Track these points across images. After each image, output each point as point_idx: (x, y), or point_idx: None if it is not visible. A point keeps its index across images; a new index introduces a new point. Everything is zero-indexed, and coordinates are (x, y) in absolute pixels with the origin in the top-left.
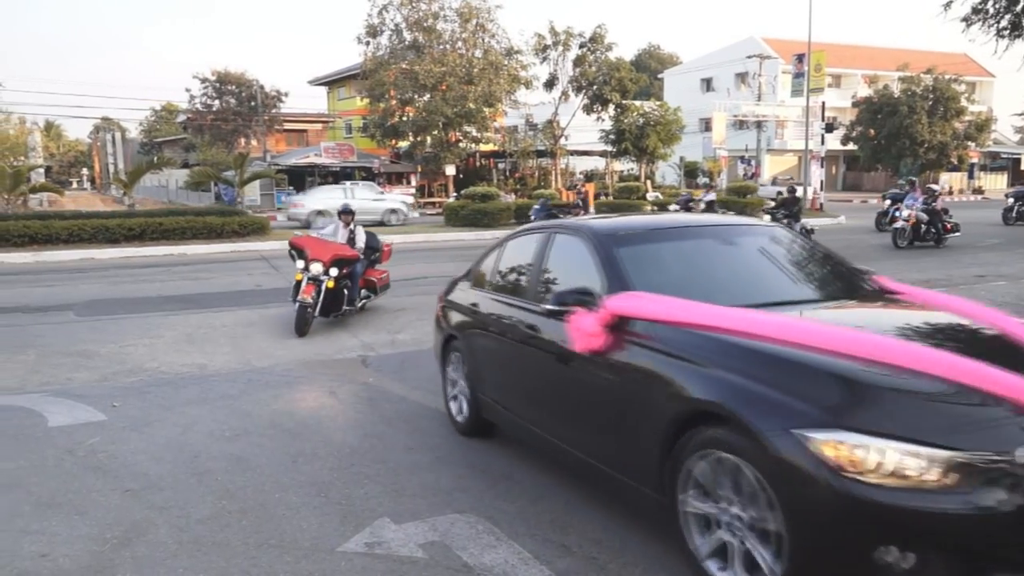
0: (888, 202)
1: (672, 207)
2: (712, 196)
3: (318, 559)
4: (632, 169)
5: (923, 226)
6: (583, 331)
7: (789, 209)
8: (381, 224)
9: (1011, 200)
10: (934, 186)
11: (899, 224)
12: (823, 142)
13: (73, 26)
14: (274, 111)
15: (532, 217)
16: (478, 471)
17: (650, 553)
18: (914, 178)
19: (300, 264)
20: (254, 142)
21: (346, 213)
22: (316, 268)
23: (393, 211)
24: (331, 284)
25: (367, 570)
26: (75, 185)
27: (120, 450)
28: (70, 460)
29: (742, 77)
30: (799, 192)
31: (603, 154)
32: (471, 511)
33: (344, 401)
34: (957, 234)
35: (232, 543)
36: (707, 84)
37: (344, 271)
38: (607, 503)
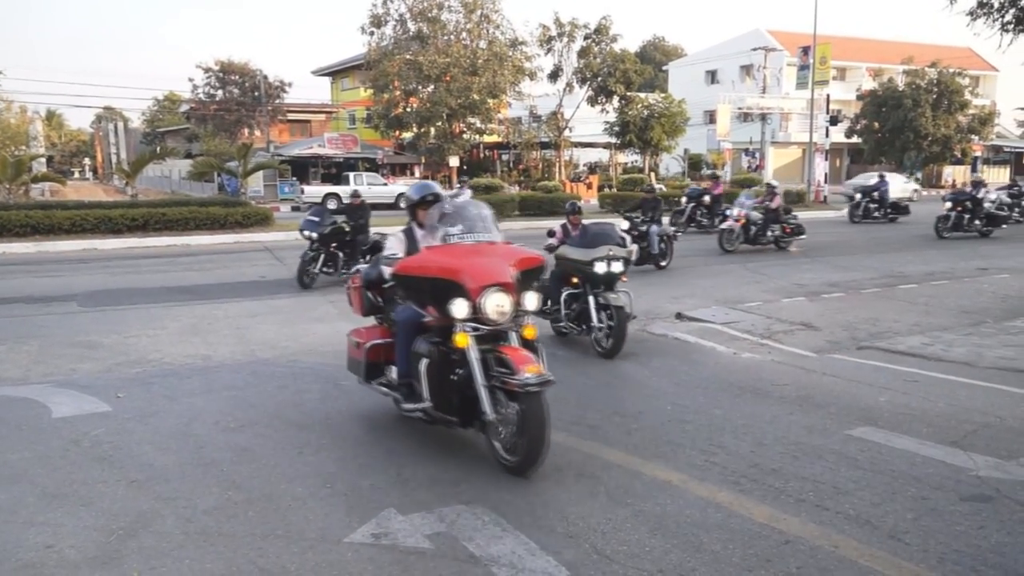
0: (684, 199)
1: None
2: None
3: (325, 550)
4: (636, 161)
5: (753, 227)
6: None
7: (648, 212)
8: (394, 207)
9: (858, 196)
10: (773, 182)
11: (727, 225)
12: (827, 135)
13: (74, 18)
14: (277, 101)
15: (302, 231)
16: (484, 462)
17: (657, 544)
18: (717, 173)
19: (459, 310)
20: (257, 132)
21: (436, 200)
22: (498, 304)
23: (403, 195)
24: (531, 332)
25: (374, 561)
26: (77, 175)
27: (125, 441)
28: (75, 451)
29: (747, 69)
30: (659, 191)
31: (607, 146)
32: (477, 502)
33: (349, 392)
34: (802, 237)
35: (238, 534)
36: (712, 76)
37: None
38: (613, 495)
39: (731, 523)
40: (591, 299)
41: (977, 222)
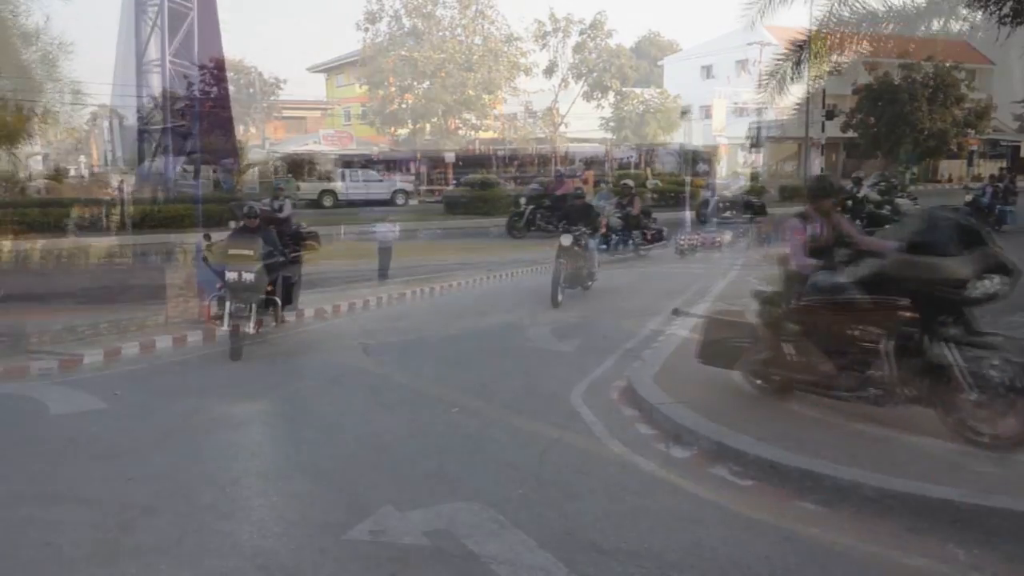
0: (523, 200)
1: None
2: None
3: (323, 546)
4: (631, 157)
5: (614, 236)
6: None
7: (578, 222)
8: (389, 204)
9: (707, 194)
10: (629, 182)
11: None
12: (823, 129)
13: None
14: (272, 98)
15: (197, 256)
16: (481, 459)
17: (653, 542)
18: (561, 169)
19: None
20: (252, 130)
21: None
22: None
23: (399, 191)
24: None
25: (372, 557)
26: (73, 172)
27: (122, 438)
28: (72, 448)
29: (742, 64)
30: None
31: (603, 142)
32: (475, 499)
33: (346, 389)
34: (663, 243)
35: (236, 531)
36: (707, 71)
37: None
38: (610, 492)
39: (730, 520)
40: (947, 347)
41: (858, 222)
